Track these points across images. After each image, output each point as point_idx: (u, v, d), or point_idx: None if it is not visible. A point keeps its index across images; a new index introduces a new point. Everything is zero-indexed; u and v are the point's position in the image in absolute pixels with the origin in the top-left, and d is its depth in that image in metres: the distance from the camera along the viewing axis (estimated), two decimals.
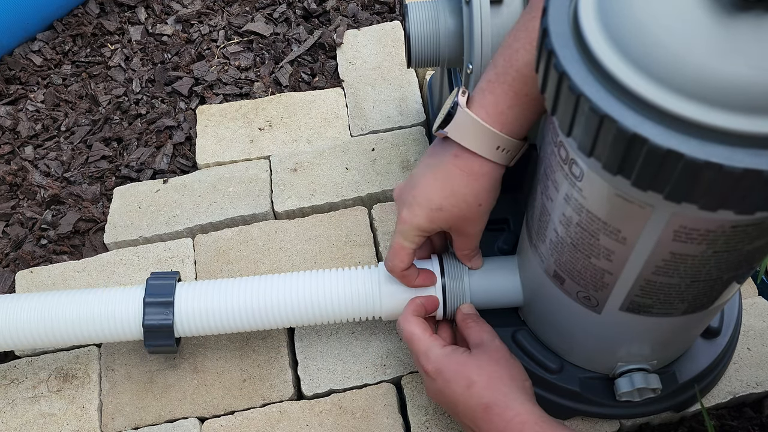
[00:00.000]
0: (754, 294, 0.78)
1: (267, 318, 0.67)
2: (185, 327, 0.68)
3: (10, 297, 0.69)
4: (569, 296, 0.57)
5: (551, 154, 0.49)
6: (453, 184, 0.59)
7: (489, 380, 0.59)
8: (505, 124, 0.56)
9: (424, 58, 0.71)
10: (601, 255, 0.49)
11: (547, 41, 0.41)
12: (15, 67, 1.09)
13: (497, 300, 0.67)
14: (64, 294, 0.69)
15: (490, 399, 0.58)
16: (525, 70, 0.54)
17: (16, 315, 0.67)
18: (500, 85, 0.55)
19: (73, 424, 0.72)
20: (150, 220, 0.87)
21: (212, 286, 0.69)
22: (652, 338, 0.58)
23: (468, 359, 0.61)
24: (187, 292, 0.68)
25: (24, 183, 0.95)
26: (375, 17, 1.13)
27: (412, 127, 0.95)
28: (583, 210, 0.47)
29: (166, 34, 1.13)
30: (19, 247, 0.90)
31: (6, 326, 0.67)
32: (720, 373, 0.69)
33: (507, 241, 0.73)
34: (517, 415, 0.56)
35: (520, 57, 0.54)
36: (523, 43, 0.54)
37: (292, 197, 0.87)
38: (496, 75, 0.56)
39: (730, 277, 0.49)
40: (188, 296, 0.68)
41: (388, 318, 0.69)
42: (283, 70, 1.06)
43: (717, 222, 0.42)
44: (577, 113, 0.40)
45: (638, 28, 0.38)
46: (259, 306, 0.67)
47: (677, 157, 0.35)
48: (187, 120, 1.01)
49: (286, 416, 0.71)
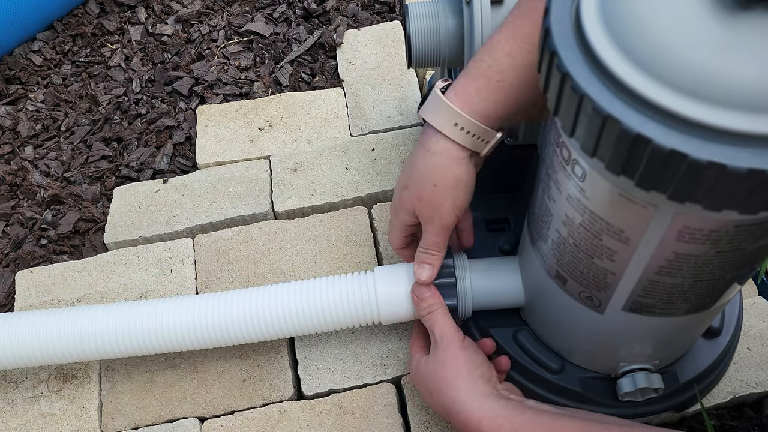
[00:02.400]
0: (754, 294, 0.78)
1: (266, 330, 0.67)
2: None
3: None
4: (571, 296, 0.57)
5: (553, 154, 0.49)
6: (414, 160, 0.61)
7: (440, 388, 0.61)
8: (468, 104, 0.56)
9: (425, 58, 0.71)
10: (603, 255, 0.49)
11: (549, 41, 0.41)
12: (15, 67, 1.09)
13: (498, 300, 0.67)
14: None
15: (445, 404, 0.60)
16: (503, 59, 0.55)
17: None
18: (474, 70, 0.56)
19: (73, 424, 0.72)
20: (150, 220, 0.87)
21: (215, 299, 0.68)
22: (655, 338, 0.58)
23: (426, 367, 0.64)
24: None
25: (24, 183, 0.95)
26: (375, 17, 1.13)
27: (412, 127, 0.95)
28: (586, 210, 0.47)
29: (166, 34, 1.13)
30: (19, 247, 0.89)
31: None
32: (721, 373, 0.69)
33: (508, 240, 0.73)
34: (469, 417, 0.57)
35: (500, 47, 0.55)
36: (505, 36, 0.55)
37: (292, 197, 0.87)
38: (473, 62, 0.57)
39: (732, 277, 0.49)
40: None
41: (387, 322, 0.68)
42: (283, 70, 1.06)
43: (720, 222, 0.42)
44: (580, 114, 0.40)
45: (640, 27, 0.38)
46: (258, 318, 0.66)
47: (681, 157, 0.35)
48: (187, 120, 1.01)
49: (286, 416, 0.71)
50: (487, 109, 0.57)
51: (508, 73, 0.55)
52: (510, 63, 0.54)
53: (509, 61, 0.54)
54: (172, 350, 0.68)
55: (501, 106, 0.56)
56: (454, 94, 0.57)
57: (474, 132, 0.58)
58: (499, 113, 0.57)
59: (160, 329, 0.66)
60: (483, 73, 0.56)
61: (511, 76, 0.55)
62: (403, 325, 0.76)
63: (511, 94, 0.56)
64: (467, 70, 0.57)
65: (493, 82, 0.55)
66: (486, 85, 0.56)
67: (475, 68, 0.56)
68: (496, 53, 0.55)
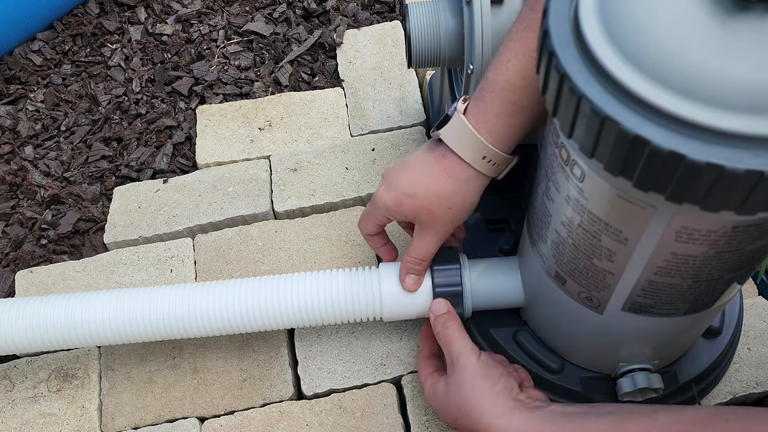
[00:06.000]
0: (754, 294, 0.78)
1: (267, 320, 0.67)
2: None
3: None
4: (571, 297, 0.57)
5: (552, 155, 0.49)
6: (432, 180, 0.60)
7: (464, 410, 0.59)
8: (491, 132, 0.57)
9: (425, 58, 0.71)
10: (602, 256, 0.49)
11: (547, 42, 0.41)
12: (15, 66, 1.09)
13: (498, 301, 0.67)
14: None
15: (474, 428, 0.58)
16: (515, 79, 0.55)
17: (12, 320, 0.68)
18: (489, 94, 0.56)
19: (73, 424, 0.72)
20: (150, 220, 0.87)
21: (218, 287, 0.68)
22: (654, 338, 0.58)
23: (446, 391, 0.62)
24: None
25: (24, 183, 0.95)
26: (375, 17, 1.13)
27: (412, 127, 0.95)
28: (585, 211, 0.47)
29: (166, 33, 1.13)
30: (19, 247, 0.89)
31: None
32: (721, 373, 0.69)
33: (508, 241, 0.73)
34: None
35: (511, 66, 0.55)
36: (515, 53, 0.55)
37: (292, 197, 0.87)
38: (486, 83, 0.57)
39: (731, 278, 0.49)
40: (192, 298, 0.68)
41: (389, 319, 0.69)
42: (283, 70, 1.06)
43: (719, 223, 0.42)
44: (579, 115, 0.40)
45: (639, 28, 0.38)
46: (260, 307, 0.67)
47: (679, 159, 0.35)
48: (187, 120, 1.01)
49: (286, 416, 0.71)
50: (509, 135, 0.57)
51: (522, 93, 0.55)
52: (521, 83, 0.54)
53: (521, 81, 0.54)
54: (191, 336, 0.69)
55: (518, 130, 0.57)
56: (477, 122, 0.57)
57: (498, 162, 0.58)
58: (517, 137, 0.58)
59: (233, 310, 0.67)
60: (498, 96, 0.56)
61: (524, 95, 0.55)
62: (404, 325, 0.76)
63: (526, 115, 0.56)
64: (482, 93, 0.57)
65: (509, 105, 0.55)
66: (504, 110, 0.56)
67: (488, 90, 0.56)
68: (507, 72, 0.55)
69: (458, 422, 0.61)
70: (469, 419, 0.59)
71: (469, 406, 0.59)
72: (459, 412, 0.60)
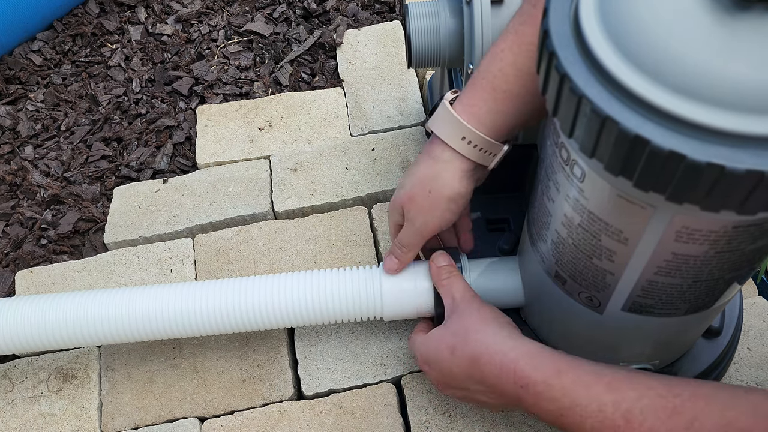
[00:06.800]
0: (754, 294, 0.78)
1: (269, 318, 0.67)
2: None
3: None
4: (571, 297, 0.57)
5: (552, 155, 0.49)
6: (417, 167, 0.61)
7: (465, 336, 0.58)
8: (475, 116, 0.57)
9: (425, 58, 0.71)
10: (602, 255, 0.49)
11: (548, 42, 0.41)
12: (15, 66, 1.09)
13: (498, 300, 0.67)
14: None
15: (474, 352, 0.56)
16: (508, 68, 0.55)
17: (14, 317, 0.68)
18: (479, 81, 0.56)
19: (73, 424, 0.72)
20: (150, 220, 0.87)
21: (218, 286, 0.68)
22: (654, 338, 0.58)
23: (442, 331, 0.60)
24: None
25: (24, 183, 0.95)
26: (375, 17, 1.13)
27: (412, 127, 0.95)
28: (585, 211, 0.47)
29: (166, 33, 1.13)
30: (19, 247, 0.89)
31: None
32: (721, 373, 0.69)
33: (508, 241, 0.73)
34: (505, 356, 0.54)
35: (504, 56, 0.55)
36: (509, 44, 0.55)
37: (292, 197, 0.87)
38: (478, 72, 0.57)
39: (731, 277, 0.49)
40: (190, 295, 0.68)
41: (390, 318, 0.69)
42: (283, 70, 1.06)
43: (719, 222, 0.42)
44: (579, 115, 0.40)
45: (639, 28, 0.38)
46: (261, 306, 0.67)
47: (679, 159, 0.35)
48: (187, 120, 1.01)
49: (286, 416, 0.71)
50: (495, 122, 0.57)
51: (514, 83, 0.55)
52: (515, 73, 0.54)
53: (514, 71, 0.54)
54: (192, 334, 0.69)
55: (508, 118, 0.57)
56: (462, 106, 0.57)
57: (481, 145, 0.58)
58: (506, 125, 0.57)
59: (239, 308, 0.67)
60: (489, 84, 0.56)
61: (517, 85, 0.55)
62: (404, 325, 0.76)
63: (518, 104, 0.56)
64: (473, 81, 0.57)
65: (499, 93, 0.56)
66: (492, 96, 0.56)
67: (480, 78, 0.56)
68: (501, 62, 0.55)
69: (455, 354, 0.58)
70: (471, 344, 0.57)
71: (473, 330, 0.57)
72: (457, 342, 0.58)
